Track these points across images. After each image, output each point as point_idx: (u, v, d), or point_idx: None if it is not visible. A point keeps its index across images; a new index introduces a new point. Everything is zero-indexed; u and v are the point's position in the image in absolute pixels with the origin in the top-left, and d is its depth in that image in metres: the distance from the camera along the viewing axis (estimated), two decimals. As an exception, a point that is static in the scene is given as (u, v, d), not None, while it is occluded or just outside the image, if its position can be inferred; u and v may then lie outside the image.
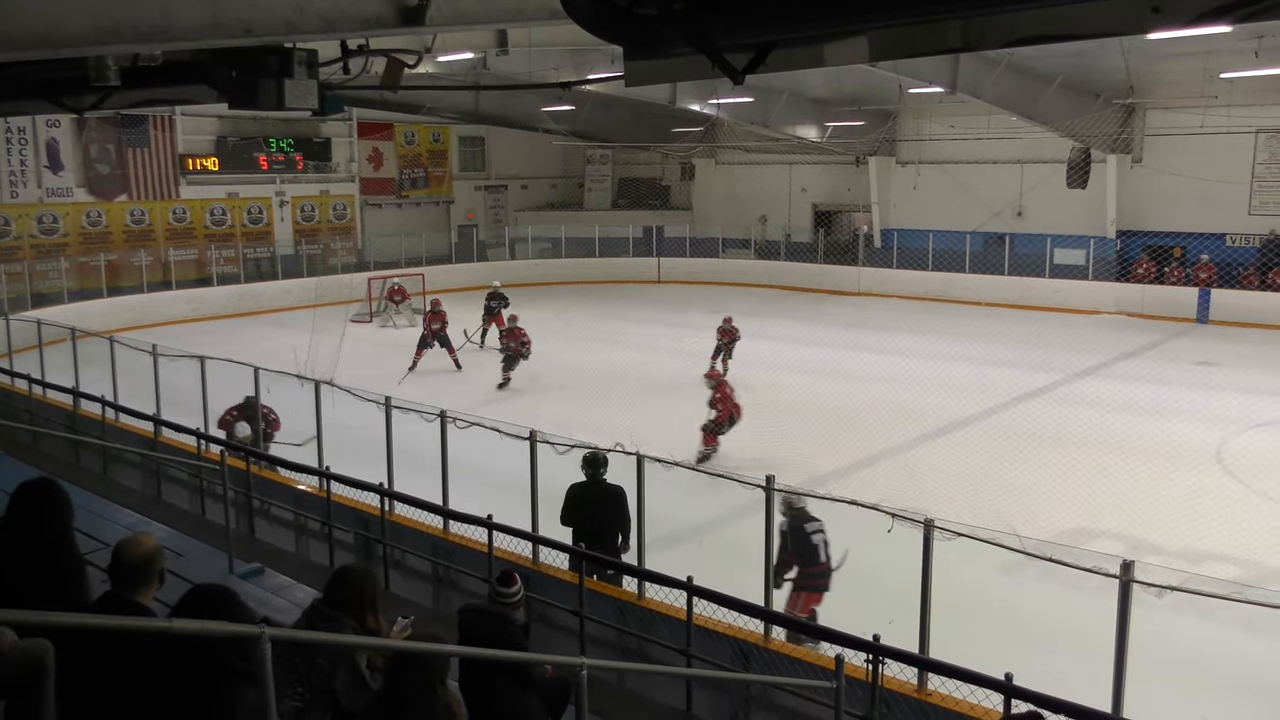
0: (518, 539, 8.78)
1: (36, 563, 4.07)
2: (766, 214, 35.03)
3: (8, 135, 26.05)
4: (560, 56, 21.42)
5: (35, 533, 4.16)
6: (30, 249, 26.68)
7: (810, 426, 15.26)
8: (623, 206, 38.10)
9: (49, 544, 4.18)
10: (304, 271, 29.89)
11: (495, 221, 37.66)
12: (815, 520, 8.44)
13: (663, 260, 34.72)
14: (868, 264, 31.51)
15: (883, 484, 11.21)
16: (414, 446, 10.38)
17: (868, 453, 13.97)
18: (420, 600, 9.18)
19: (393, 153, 35.03)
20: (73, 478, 10.22)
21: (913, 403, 16.40)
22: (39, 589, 3.84)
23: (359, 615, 4.40)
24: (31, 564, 4.05)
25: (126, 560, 3.79)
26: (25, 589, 3.79)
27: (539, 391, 18.42)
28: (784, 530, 8.27)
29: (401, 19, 4.22)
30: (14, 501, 4.26)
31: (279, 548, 10.21)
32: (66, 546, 4.30)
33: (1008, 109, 24.57)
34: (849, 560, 8.55)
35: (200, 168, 29.98)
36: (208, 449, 11.72)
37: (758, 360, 19.67)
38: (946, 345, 21.31)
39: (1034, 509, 11.07)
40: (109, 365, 14.44)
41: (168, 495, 11.84)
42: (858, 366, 18.91)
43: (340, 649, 4.19)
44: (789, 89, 28.31)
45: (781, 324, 24.53)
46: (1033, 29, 3.27)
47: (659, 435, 10.94)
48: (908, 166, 31.75)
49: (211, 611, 3.50)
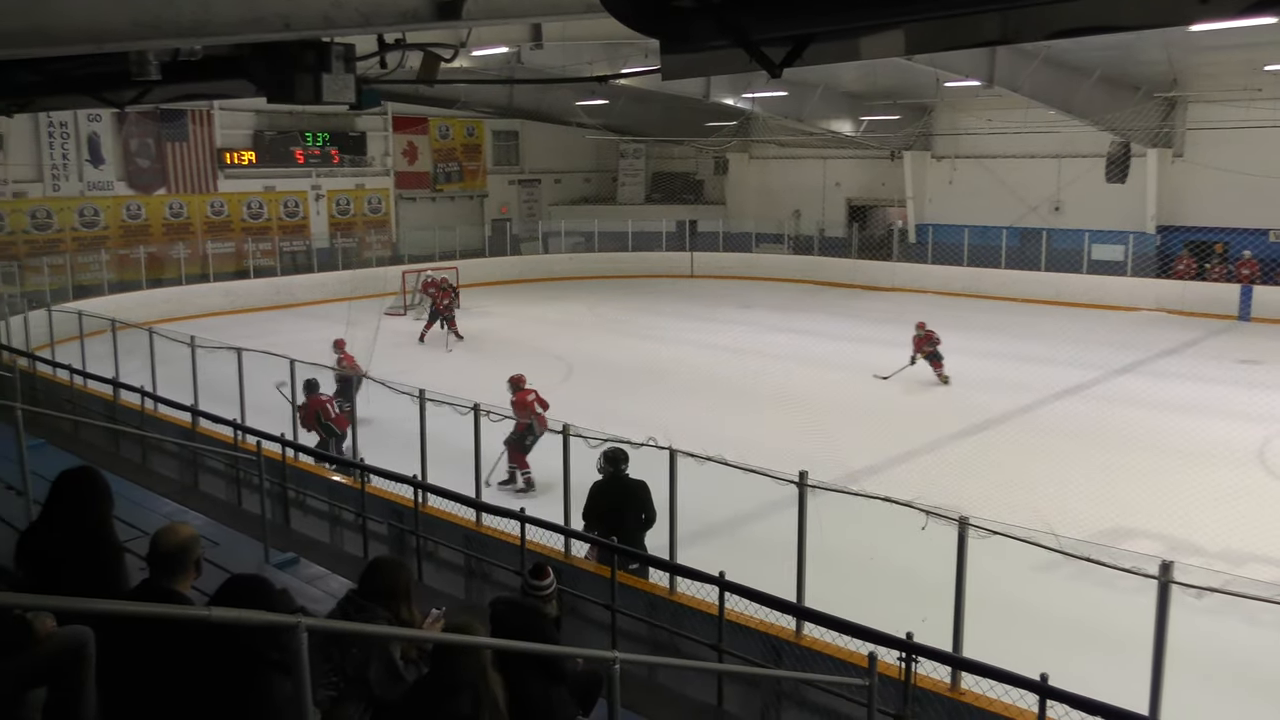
0: (550, 532, 8.80)
1: (77, 550, 4.12)
2: (800, 208, 34.86)
3: (50, 129, 26.45)
4: (595, 50, 21.41)
5: (76, 520, 4.22)
6: (72, 241, 27.09)
7: (844, 422, 15.19)
8: (656, 201, 38.06)
9: (89, 532, 4.23)
10: (339, 265, 30.12)
11: (529, 215, 37.76)
12: None
13: (696, 255, 34.66)
14: (902, 259, 31.28)
15: (917, 481, 11.14)
16: (447, 439, 10.45)
17: (902, 449, 13.87)
18: (452, 592, 9.22)
19: (427, 147, 35.21)
20: (112, 467, 10.37)
21: (948, 399, 16.28)
22: (79, 576, 3.89)
23: (393, 606, 4.44)
24: (72, 551, 4.10)
25: (163, 548, 3.84)
26: (66, 576, 3.85)
27: (571, 385, 18.45)
28: None
29: (438, 13, 4.23)
30: (55, 489, 4.32)
31: (313, 538, 10.29)
32: (106, 534, 4.36)
33: (1045, 102, 24.28)
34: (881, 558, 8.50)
35: (238, 162, 30.31)
36: (244, 439, 11.84)
37: (791, 355, 19.59)
38: (982, 341, 21.14)
39: (1071, 507, 10.94)
40: (148, 356, 14.65)
41: (205, 485, 11.97)
42: (892, 362, 18.78)
43: (374, 639, 4.22)
44: (823, 83, 28.14)
45: (815, 319, 24.42)
46: (1072, 21, 3.22)
47: (692, 429, 10.94)
48: (943, 161, 31.47)
49: (249, 601, 3.53)
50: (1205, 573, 5.82)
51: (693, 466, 8.18)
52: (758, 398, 17.14)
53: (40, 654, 3.70)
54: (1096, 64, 23.78)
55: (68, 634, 3.77)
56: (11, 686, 3.73)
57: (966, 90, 26.38)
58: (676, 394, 17.24)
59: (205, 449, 12.23)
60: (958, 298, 28.42)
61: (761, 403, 16.75)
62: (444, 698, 3.91)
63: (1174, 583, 5.66)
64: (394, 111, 32.88)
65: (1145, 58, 22.85)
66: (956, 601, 6.60)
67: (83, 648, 3.80)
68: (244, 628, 3.42)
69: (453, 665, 3.93)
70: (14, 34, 3.65)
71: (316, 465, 11.79)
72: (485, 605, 5.09)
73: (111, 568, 4.26)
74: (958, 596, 6.60)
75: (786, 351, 20.29)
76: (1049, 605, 8.98)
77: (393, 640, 4.29)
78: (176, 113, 28.05)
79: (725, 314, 23.58)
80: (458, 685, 3.90)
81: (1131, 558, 5.96)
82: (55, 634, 3.75)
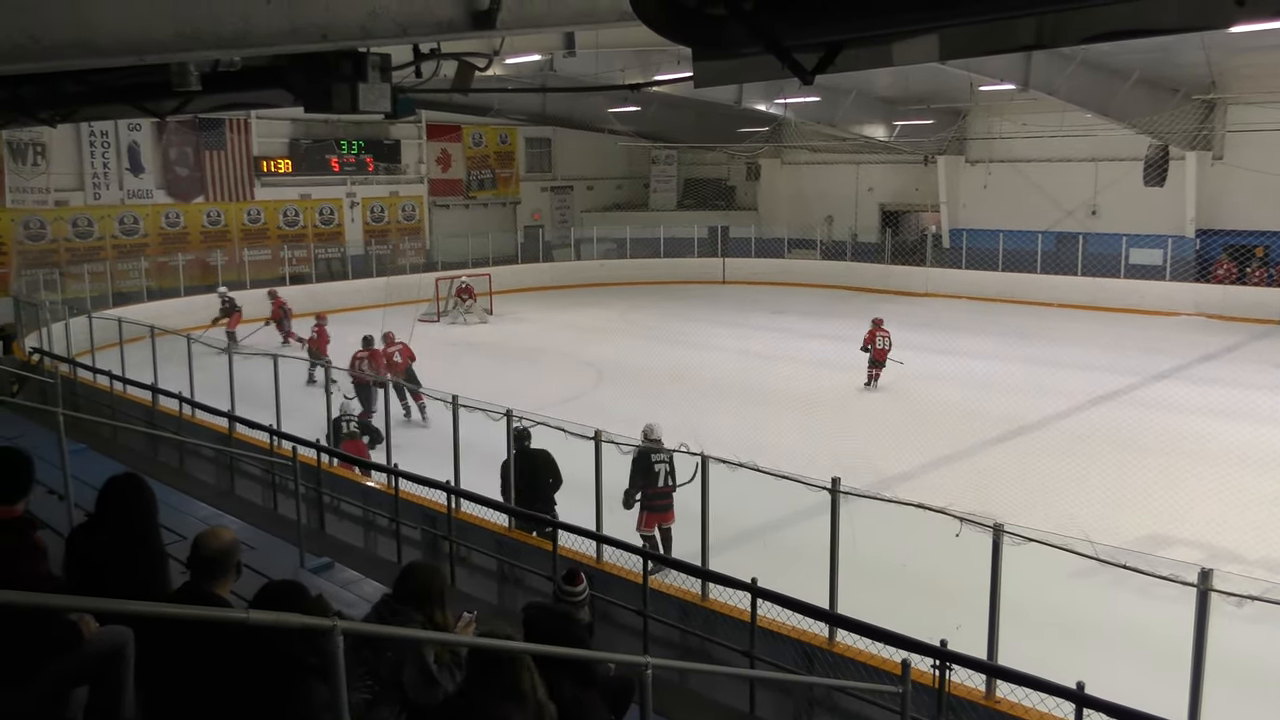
0: (582, 538, 8.83)
1: (124, 555, 4.19)
2: (832, 214, 34.75)
3: (91, 139, 26.89)
4: (627, 58, 21.51)
5: (124, 526, 4.29)
6: (112, 249, 27.49)
7: (877, 428, 15.11)
8: (688, 207, 38.08)
9: (137, 538, 4.30)
10: (373, 271, 30.37)
11: (561, 222, 37.90)
12: (662, 453, 10.02)
13: (728, 260, 34.62)
14: (935, 264, 31.09)
15: (951, 487, 11.06)
16: (481, 445, 10.50)
17: (935, 455, 13.78)
18: (485, 597, 9.27)
19: (461, 154, 35.46)
20: (150, 471, 10.49)
21: (982, 405, 16.14)
22: (125, 580, 3.96)
23: (427, 610, 4.46)
24: (118, 556, 4.17)
25: (205, 552, 3.90)
26: (112, 580, 3.91)
27: (602, 391, 18.49)
28: (635, 459, 9.85)
29: (473, 22, 4.27)
30: (104, 496, 4.39)
31: (348, 543, 10.38)
32: (152, 541, 4.43)
33: (1082, 105, 24.05)
34: (914, 565, 8.45)
35: (274, 170, 30.67)
36: (279, 445, 11.97)
37: (823, 361, 19.52)
38: (1017, 347, 20.95)
39: (1107, 514, 10.82)
40: (186, 362, 14.84)
41: (241, 490, 12.11)
42: (925, 368, 18.68)
43: (408, 643, 4.26)
44: (856, 88, 28.05)
45: (847, 325, 24.24)
46: (1110, 24, 3.19)
47: (724, 435, 10.92)
48: (978, 165, 31.26)
49: (287, 606, 3.57)
50: (1245, 580, 5.74)
51: (725, 472, 8.18)
52: (790, 404, 17.08)
53: (85, 654, 3.77)
54: (1135, 66, 23.54)
55: (109, 634, 3.84)
56: (58, 686, 3.80)
57: (1001, 94, 26.20)
58: (708, 400, 17.22)
59: (241, 454, 12.37)
60: (992, 303, 28.20)
61: (794, 409, 16.70)
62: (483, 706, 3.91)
63: (1213, 590, 5.59)
64: (428, 119, 33.10)
65: (1184, 60, 22.59)
66: (991, 609, 6.55)
67: (123, 648, 3.87)
68: (281, 632, 3.46)
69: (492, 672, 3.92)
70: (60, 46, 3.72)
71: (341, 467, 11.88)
72: (518, 610, 5.12)
73: (156, 574, 4.32)
74: (992, 604, 6.55)
75: (819, 357, 20.20)
76: (1085, 613, 8.88)
77: (426, 644, 4.32)
78: (215, 122, 28.43)
79: (757, 320, 23.53)
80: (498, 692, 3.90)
81: (1169, 565, 5.89)
82: (98, 634, 3.82)
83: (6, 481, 4.15)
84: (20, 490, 4.20)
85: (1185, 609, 5.71)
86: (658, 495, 10.14)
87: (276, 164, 30.71)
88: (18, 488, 4.19)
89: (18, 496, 4.17)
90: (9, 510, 4.06)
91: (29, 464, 4.28)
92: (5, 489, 4.13)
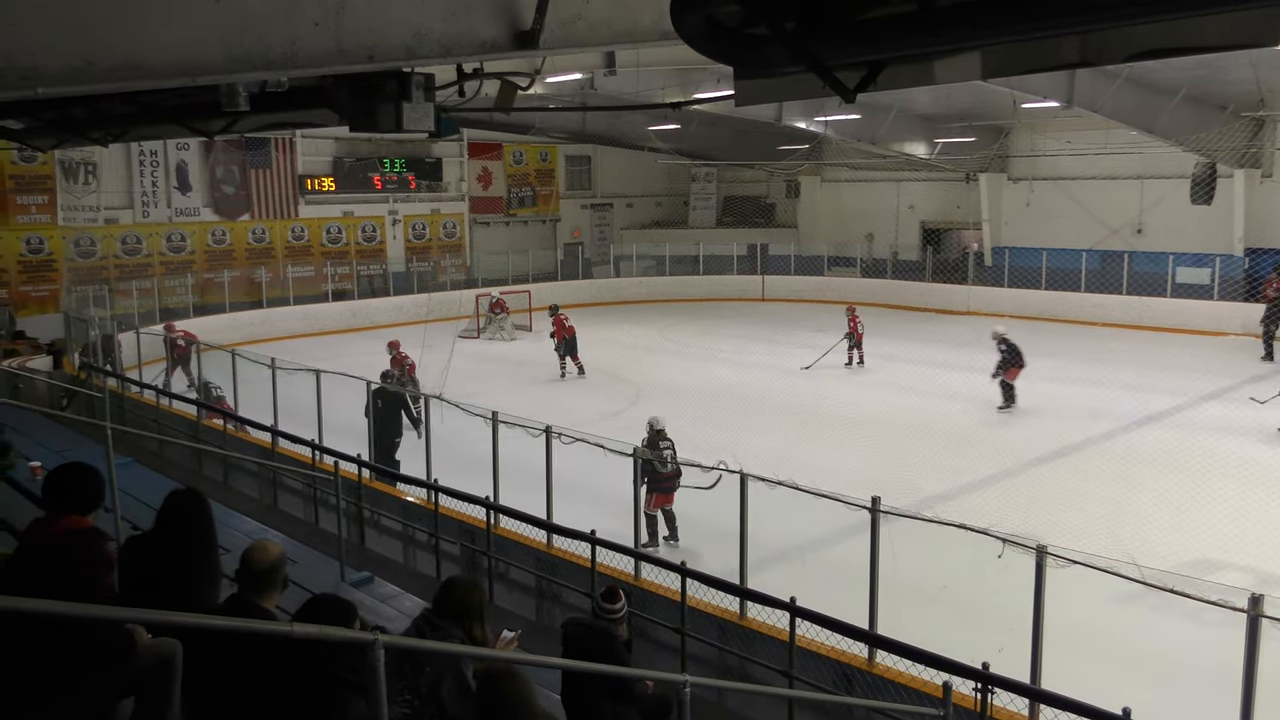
0: (621, 555, 8.84)
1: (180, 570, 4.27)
2: (873, 231, 34.59)
3: (140, 158, 27.42)
4: (667, 76, 21.58)
5: (181, 541, 4.37)
6: (160, 266, 27.98)
7: (918, 447, 14.98)
8: (727, 224, 38.08)
9: (195, 553, 4.38)
10: (415, 288, 30.64)
11: (600, 239, 38.04)
12: (668, 439, 11.16)
13: (767, 278, 34.55)
14: (977, 282, 30.80)
15: (993, 508, 10.95)
16: (520, 461, 10.55)
17: (977, 476, 13.64)
18: (524, 613, 9.30)
19: (501, 172, 35.72)
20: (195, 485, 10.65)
21: (1025, 425, 15.97)
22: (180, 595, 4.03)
23: (466, 625, 4.49)
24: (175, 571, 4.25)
25: (254, 565, 3.96)
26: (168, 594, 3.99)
27: (640, 409, 18.48)
28: (642, 444, 10.64)
29: (516, 42, 4.32)
30: (165, 510, 4.48)
31: (388, 557, 10.47)
32: (210, 557, 4.51)
33: (1127, 123, 23.79)
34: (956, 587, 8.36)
35: (318, 188, 31.08)
36: (321, 459, 12.09)
37: (862, 380, 19.41)
38: (1061, 367, 20.70)
39: (1154, 537, 10.64)
40: (230, 377, 15.06)
41: (284, 504, 12.25)
42: (966, 387, 18.51)
43: (447, 658, 4.28)
44: (897, 105, 27.96)
45: (888, 343, 24.14)
46: (1156, 42, 3.17)
47: (762, 454, 10.90)
48: (1020, 183, 30.98)
49: (330, 620, 3.61)
50: (1297, 607, 5.62)
51: (764, 491, 8.16)
52: (829, 422, 17.00)
53: (134, 665, 3.83)
54: (1181, 84, 23.25)
55: (159, 646, 3.90)
56: (106, 696, 3.86)
57: (1045, 111, 25.98)
58: (747, 418, 17.17)
59: (284, 468, 12.51)
60: (1035, 321, 27.85)
61: (833, 427, 16.61)
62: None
63: (1264, 616, 5.48)
64: (469, 138, 33.43)
65: (1232, 76, 22.26)
66: (1034, 632, 6.47)
67: (172, 658, 3.93)
68: (324, 648, 3.50)
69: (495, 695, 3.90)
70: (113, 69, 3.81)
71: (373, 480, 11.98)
72: (557, 626, 5.13)
73: (209, 588, 4.40)
74: (1035, 627, 6.46)
75: (859, 376, 20.09)
76: (1132, 638, 8.72)
77: (466, 659, 4.34)
78: (261, 141, 28.87)
79: (796, 337, 23.41)
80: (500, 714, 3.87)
81: (1218, 590, 5.78)
82: (148, 645, 3.88)
83: (81, 492, 4.29)
84: (93, 502, 4.34)
85: (1235, 634, 5.61)
86: (664, 478, 11.06)
87: (320, 182, 31.12)
88: (91, 499, 4.33)
89: (91, 507, 4.31)
90: (81, 520, 4.18)
91: (100, 477, 4.42)
92: (80, 499, 4.27)
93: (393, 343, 17.02)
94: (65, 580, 3.79)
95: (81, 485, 4.30)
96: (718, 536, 9.99)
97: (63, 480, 4.30)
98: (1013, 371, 17.97)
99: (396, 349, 16.73)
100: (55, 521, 4.16)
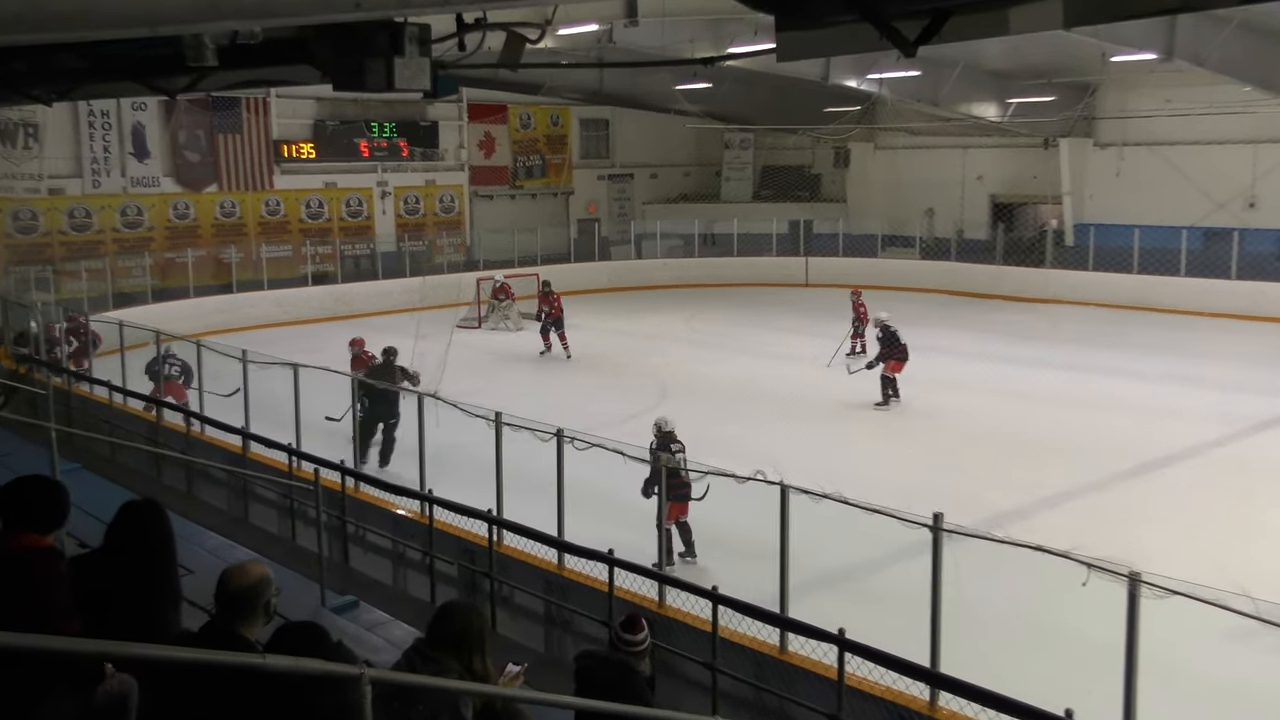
0: (642, 578, 8.84)
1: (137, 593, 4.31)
2: (934, 206, 34.45)
3: (90, 119, 27.54)
4: (696, 27, 21.57)
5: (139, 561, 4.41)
6: (113, 244, 28.17)
7: (987, 457, 14.92)
8: (765, 198, 38.05)
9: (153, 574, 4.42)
10: (407, 271, 30.74)
11: (620, 215, 38.09)
12: (679, 442, 11.23)
13: (811, 260, 34.48)
14: (1056, 265, 30.65)
15: (1075, 527, 10.88)
16: (527, 468, 10.57)
17: (1056, 489, 13.57)
18: (531, 644, 9.32)
19: (506, 138, 35.81)
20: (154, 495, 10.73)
21: (1112, 432, 15.86)
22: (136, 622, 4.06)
23: (464, 657, 4.50)
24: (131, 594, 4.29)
25: (231, 588, 3.99)
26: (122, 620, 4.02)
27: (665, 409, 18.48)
28: (652, 448, 10.91)
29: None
30: (118, 525, 4.51)
31: (374, 579, 10.51)
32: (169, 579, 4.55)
33: (1238, 78, 23.58)
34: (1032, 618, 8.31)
35: (296, 155, 31.25)
36: (299, 466, 12.16)
37: (925, 378, 19.33)
38: (1155, 363, 20.57)
39: (1270, 564, 10.55)
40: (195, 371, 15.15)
41: (255, 517, 12.31)
42: (1045, 387, 18.40)
43: (443, 695, 4.30)
44: (964, 60, 27.80)
45: (952, 335, 24.05)
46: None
47: (805, 461, 10.87)
48: (1108, 149, 30.78)
49: (308, 651, 3.63)
50: None
51: (807, 505, 8.14)
52: (883, 426, 16.94)
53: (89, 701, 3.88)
54: (1302, 31, 23.04)
55: (112, 684, 3.95)
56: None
57: (1139, 65, 25.78)
58: (787, 420, 17.15)
59: (256, 476, 12.58)
60: (1125, 310, 27.69)
61: (887, 432, 16.56)
62: None
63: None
64: (470, 98, 33.51)
65: (1362, 23, 22.06)
66: (1127, 673, 6.43)
67: (126, 699, 3.98)
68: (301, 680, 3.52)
69: None
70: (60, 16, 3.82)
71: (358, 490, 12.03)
72: (569, 660, 5.15)
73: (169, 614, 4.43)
74: (1128, 667, 6.43)
75: (916, 373, 19.98)
76: (1245, 682, 8.65)
77: (464, 696, 4.36)
78: (230, 101, 29.01)
79: (844, 329, 23.30)
80: None
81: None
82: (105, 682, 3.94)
83: (44, 509, 4.35)
84: (57, 521, 4.42)
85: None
86: (681, 486, 10.83)
87: (299, 148, 31.30)
88: (55, 517, 4.40)
89: (53, 527, 4.39)
90: (41, 540, 4.24)
91: (66, 495, 4.48)
92: (41, 517, 4.33)
93: (355, 340, 16.73)
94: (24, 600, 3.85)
95: (46, 502, 4.36)
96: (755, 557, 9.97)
97: (21, 495, 4.34)
98: (894, 365, 18.27)
99: (360, 347, 16.45)
100: (11, 538, 4.22)
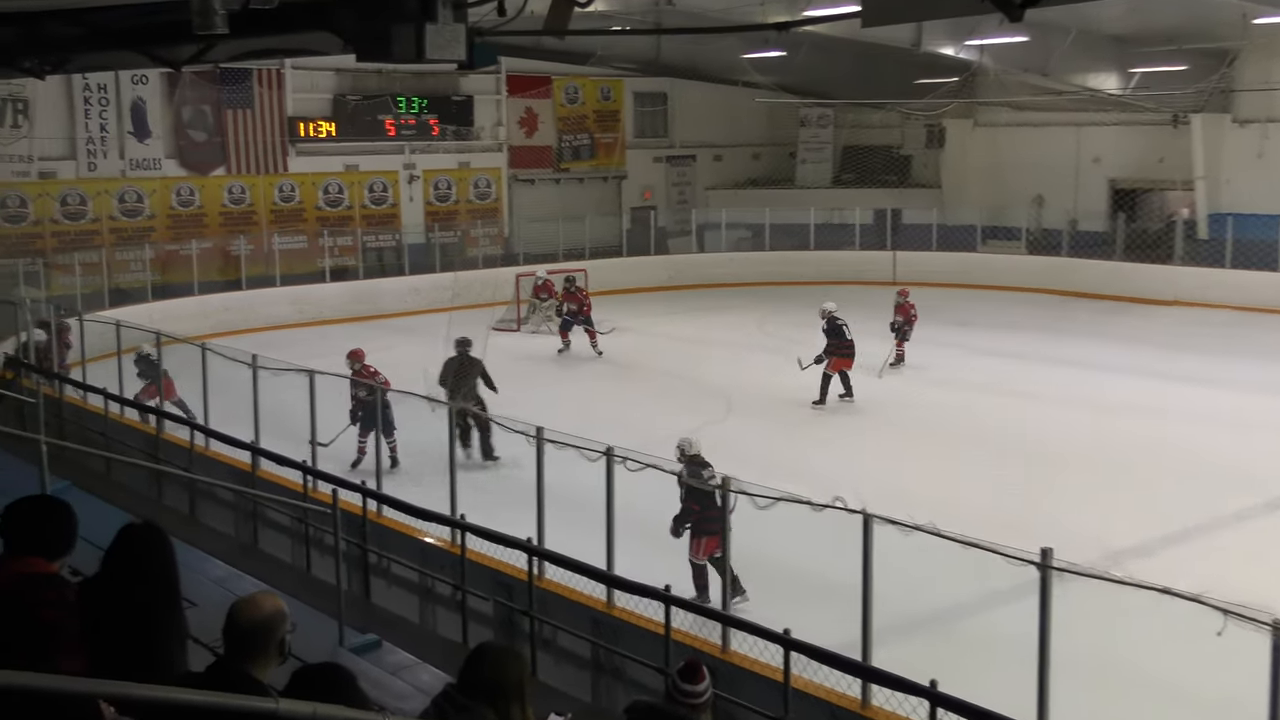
0: (703, 618, 8.83)
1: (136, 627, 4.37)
2: (1043, 193, 34.13)
3: (85, 95, 27.88)
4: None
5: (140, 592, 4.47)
6: (109, 234, 28.52)
7: (1102, 484, 14.74)
8: (847, 183, 37.86)
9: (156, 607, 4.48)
10: (437, 265, 30.90)
11: (679, 202, 38.04)
12: (709, 466, 11.02)
13: (899, 254, 34.26)
14: (1187, 262, 30.30)
15: (1205, 567, 10.74)
16: (572, 492, 10.58)
17: (1184, 524, 13.39)
18: (577, 693, 9.34)
19: (550, 114, 35.88)
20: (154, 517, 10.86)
21: (1253, 458, 15.62)
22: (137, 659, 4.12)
23: (501, 707, 4.52)
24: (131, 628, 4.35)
25: (241, 623, 4.03)
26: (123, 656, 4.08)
27: (731, 427, 18.45)
28: (682, 477, 10.73)
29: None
30: (116, 551, 4.58)
31: (399, 615, 10.57)
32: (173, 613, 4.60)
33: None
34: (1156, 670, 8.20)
35: (313, 134, 31.44)
36: (315, 487, 12.26)
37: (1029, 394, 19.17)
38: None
39: None
40: (199, 378, 15.31)
41: (266, 544, 12.44)
42: (1170, 403, 18.16)
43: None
44: (1078, 24, 27.50)
45: (1064, 343, 23.81)
46: None
47: (888, 487, 10.83)
48: (1249, 127, 30.36)
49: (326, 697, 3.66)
50: None
51: (894, 537, 8.10)
52: (980, 448, 16.79)
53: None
54: None
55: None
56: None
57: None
58: (869, 440, 17.08)
59: (268, 497, 12.69)
60: (1269, 314, 27.26)
61: (984, 455, 16.40)
62: None
63: None
64: (509, 69, 33.47)
65: None
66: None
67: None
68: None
69: None
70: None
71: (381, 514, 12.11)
72: (619, 711, 5.15)
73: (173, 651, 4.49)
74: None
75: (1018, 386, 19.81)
76: None
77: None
78: (240, 73, 29.23)
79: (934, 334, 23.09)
80: None
81: None
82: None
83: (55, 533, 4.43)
84: (66, 547, 4.48)
85: None
86: (714, 517, 10.51)
87: (316, 127, 31.49)
88: (64, 543, 4.47)
89: (61, 553, 4.44)
90: (47, 566, 4.32)
91: (75, 519, 4.55)
92: (55, 542, 4.41)
93: (355, 352, 16.35)
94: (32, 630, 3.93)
95: (56, 526, 4.44)
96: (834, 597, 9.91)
97: (32, 516, 4.43)
98: (838, 361, 18.58)
99: (360, 360, 16.10)
100: (13, 561, 4.30)
